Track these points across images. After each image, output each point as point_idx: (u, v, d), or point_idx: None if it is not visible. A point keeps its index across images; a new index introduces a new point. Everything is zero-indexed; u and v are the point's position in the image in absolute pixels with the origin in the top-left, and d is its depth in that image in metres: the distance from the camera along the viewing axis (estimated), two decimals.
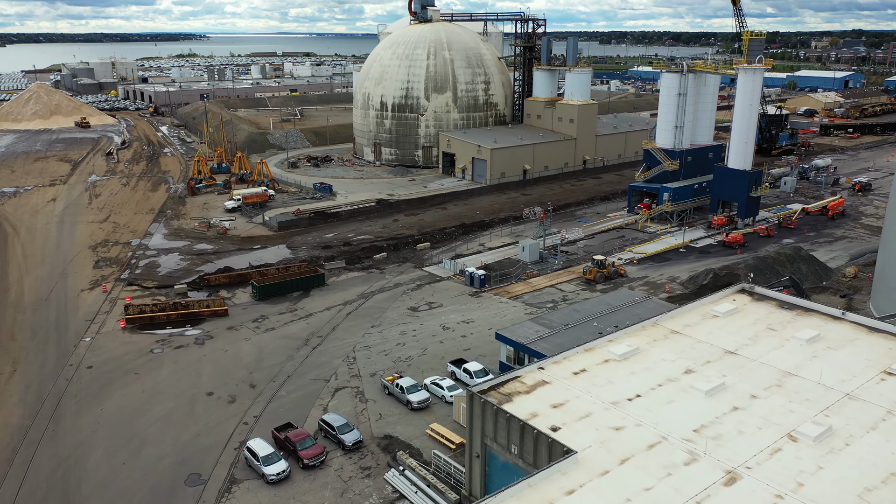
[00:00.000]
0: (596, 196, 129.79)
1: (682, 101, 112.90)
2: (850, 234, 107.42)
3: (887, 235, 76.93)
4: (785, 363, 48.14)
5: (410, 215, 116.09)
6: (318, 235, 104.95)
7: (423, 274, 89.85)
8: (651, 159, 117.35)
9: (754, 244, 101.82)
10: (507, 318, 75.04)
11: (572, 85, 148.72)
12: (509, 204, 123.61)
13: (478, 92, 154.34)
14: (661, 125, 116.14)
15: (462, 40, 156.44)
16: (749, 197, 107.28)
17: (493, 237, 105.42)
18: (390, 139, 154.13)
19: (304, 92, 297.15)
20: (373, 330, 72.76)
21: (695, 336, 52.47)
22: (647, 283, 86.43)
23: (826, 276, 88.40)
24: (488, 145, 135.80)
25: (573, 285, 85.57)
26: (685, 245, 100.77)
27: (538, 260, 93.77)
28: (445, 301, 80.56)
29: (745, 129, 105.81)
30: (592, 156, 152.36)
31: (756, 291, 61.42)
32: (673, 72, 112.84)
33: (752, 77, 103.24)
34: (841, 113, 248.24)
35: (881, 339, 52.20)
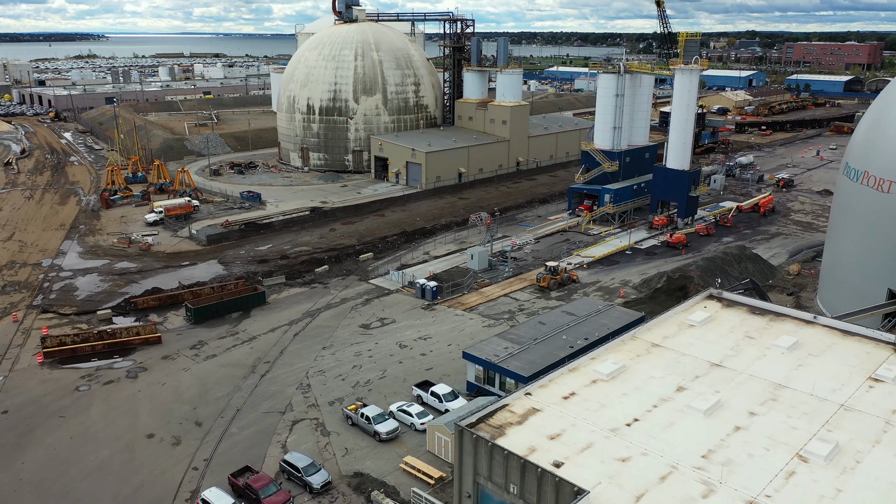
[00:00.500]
0: (534, 198, 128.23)
1: (619, 101, 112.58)
2: (783, 231, 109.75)
3: (832, 233, 77.97)
4: (773, 374, 46.70)
5: (347, 224, 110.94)
6: (251, 248, 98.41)
7: (370, 287, 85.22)
8: (590, 161, 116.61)
9: (696, 244, 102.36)
10: (466, 333, 71.58)
11: (504, 86, 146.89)
12: (448, 209, 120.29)
13: (408, 94, 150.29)
14: (599, 126, 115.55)
15: (390, 41, 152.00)
16: (688, 197, 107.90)
17: (437, 245, 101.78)
18: (318, 143, 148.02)
19: (217, 94, 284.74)
20: (325, 352, 67.73)
21: (677, 349, 50.46)
22: (601, 289, 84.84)
23: (771, 274, 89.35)
24: (423, 149, 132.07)
25: (527, 293, 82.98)
26: (631, 247, 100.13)
27: (487, 268, 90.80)
28: (398, 316, 76.29)
29: (682, 130, 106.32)
30: (525, 157, 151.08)
31: (725, 297, 60.30)
32: (610, 73, 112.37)
33: (689, 77, 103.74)
34: (751, 111, 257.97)
35: (857, 344, 51.71)
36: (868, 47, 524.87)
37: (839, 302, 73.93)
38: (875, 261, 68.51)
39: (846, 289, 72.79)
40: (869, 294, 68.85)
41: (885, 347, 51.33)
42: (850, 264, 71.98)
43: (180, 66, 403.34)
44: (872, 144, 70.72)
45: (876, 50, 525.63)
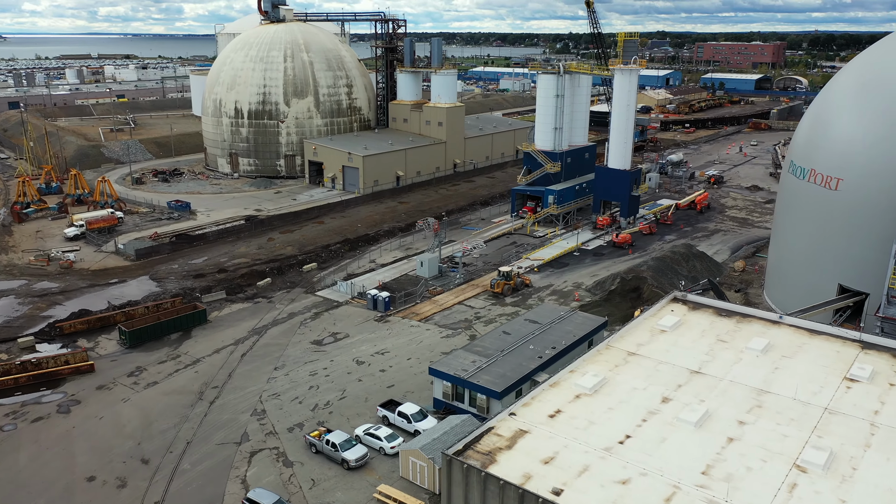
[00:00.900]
0: (475, 201, 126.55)
1: (559, 102, 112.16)
2: (721, 227, 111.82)
3: (779, 230, 79.26)
4: (752, 379, 46.03)
5: (286, 232, 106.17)
6: (185, 262, 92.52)
7: (318, 299, 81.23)
8: (532, 162, 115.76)
9: (641, 243, 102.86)
10: (425, 345, 68.82)
11: (439, 87, 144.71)
12: (390, 214, 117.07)
13: (340, 96, 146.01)
14: (540, 127, 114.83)
15: (320, 41, 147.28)
16: (630, 196, 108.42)
17: (382, 252, 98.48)
18: (248, 149, 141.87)
19: (132, 98, 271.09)
20: (277, 373, 63.58)
21: (653, 356, 49.25)
22: (555, 292, 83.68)
23: (718, 271, 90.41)
24: (360, 152, 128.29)
25: (482, 300, 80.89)
26: (578, 248, 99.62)
27: (438, 275, 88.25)
28: (351, 330, 72.77)
29: (623, 129, 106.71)
30: (462, 159, 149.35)
31: (690, 300, 59.78)
32: (549, 73, 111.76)
33: (628, 77, 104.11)
34: (673, 109, 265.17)
35: (826, 343, 51.85)
36: (772, 47, 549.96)
37: (789, 298, 75.11)
38: (825, 257, 69.74)
39: (796, 284, 73.97)
40: (819, 289, 70.06)
41: (852, 346, 51.68)
42: (800, 260, 73.15)
43: (89, 69, 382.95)
44: (816, 143, 72.02)
45: (779, 49, 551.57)
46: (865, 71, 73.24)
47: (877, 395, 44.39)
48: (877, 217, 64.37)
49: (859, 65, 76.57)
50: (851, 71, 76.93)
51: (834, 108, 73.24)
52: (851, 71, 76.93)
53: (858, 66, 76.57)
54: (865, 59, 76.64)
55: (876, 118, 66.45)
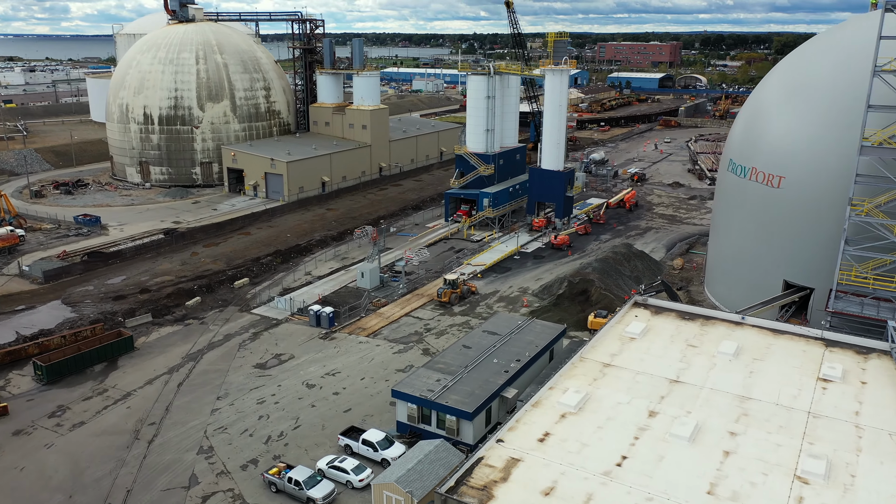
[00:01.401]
0: (406, 205, 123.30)
1: (490, 104, 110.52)
2: (653, 225, 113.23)
3: (719, 227, 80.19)
4: (731, 385, 45.31)
5: (210, 246, 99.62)
6: (101, 283, 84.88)
7: (255, 318, 76.00)
8: (464, 165, 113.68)
9: (578, 243, 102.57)
10: (377, 363, 65.21)
11: (362, 89, 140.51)
12: (319, 222, 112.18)
13: (258, 99, 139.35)
14: (472, 129, 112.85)
15: (234, 42, 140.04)
16: (565, 197, 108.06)
17: (317, 263, 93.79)
18: (160, 156, 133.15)
19: (21, 103, 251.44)
20: (221, 403, 58.43)
21: (629, 367, 47.82)
22: (502, 299, 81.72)
23: (658, 270, 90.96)
24: (283, 158, 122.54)
25: (429, 311, 77.90)
26: (518, 251, 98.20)
27: (379, 285, 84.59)
28: (295, 350, 68.20)
29: (556, 130, 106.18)
30: (388, 162, 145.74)
31: (651, 304, 58.97)
32: (480, 74, 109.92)
33: (559, 78, 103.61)
34: (585, 108, 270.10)
35: (791, 343, 51.97)
36: (669, 46, 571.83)
37: (733, 294, 75.95)
38: (770, 253, 70.72)
39: (740, 281, 74.82)
40: (764, 286, 71.00)
41: (816, 344, 52.03)
42: (744, 257, 73.98)
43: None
44: (755, 141, 73.02)
45: (675, 49, 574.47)
46: (795, 72, 74.81)
47: (852, 394, 44.47)
48: (820, 214, 65.62)
49: (788, 66, 78.28)
50: (781, 72, 78.57)
51: (769, 109, 74.49)
52: (781, 72, 78.57)
53: (787, 67, 78.30)
54: (793, 61, 78.43)
55: (812, 118, 67.79)
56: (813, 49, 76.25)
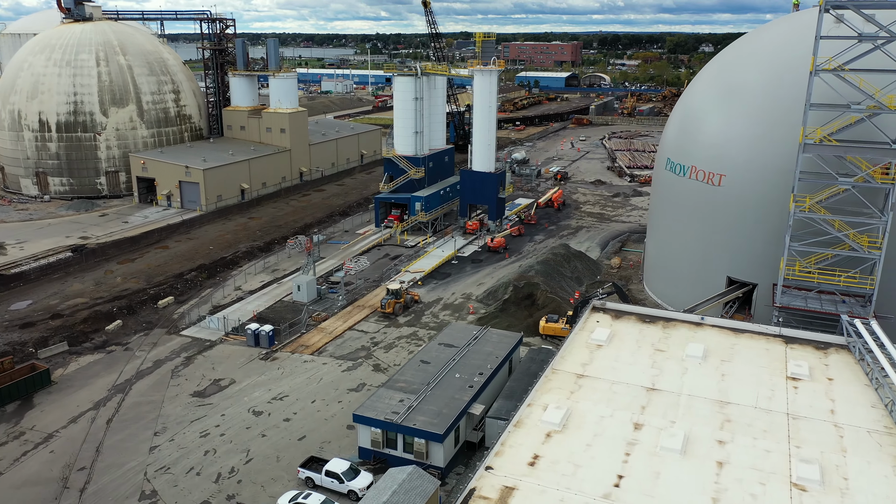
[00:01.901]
0: (333, 212, 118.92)
1: (419, 105, 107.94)
2: (583, 224, 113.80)
3: (659, 226, 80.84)
4: (707, 390, 44.73)
5: (126, 262, 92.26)
6: (4, 310, 76.62)
7: (185, 340, 70.37)
8: (393, 168, 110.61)
9: (514, 245, 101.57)
10: (327, 383, 61.43)
11: (279, 91, 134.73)
12: (243, 232, 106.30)
13: (167, 103, 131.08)
14: (400, 132, 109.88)
15: (138, 43, 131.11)
16: (498, 198, 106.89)
17: (246, 277, 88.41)
18: (60, 166, 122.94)
19: None
20: (159, 439, 53.20)
21: (603, 376, 46.49)
22: (447, 306, 79.35)
23: (597, 270, 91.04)
24: (199, 165, 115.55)
25: (373, 323, 74.54)
26: (455, 256, 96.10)
27: (317, 298, 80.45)
28: (235, 374, 63.38)
29: (486, 131, 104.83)
30: (308, 167, 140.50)
31: (609, 308, 58.10)
32: (407, 75, 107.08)
33: (489, 78, 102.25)
34: (498, 107, 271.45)
35: (752, 341, 52.17)
36: (570, 46, 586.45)
37: (675, 291, 76.62)
38: (713, 250, 71.58)
39: (683, 278, 75.51)
40: (708, 282, 71.88)
41: (776, 341, 52.43)
42: (686, 255, 74.69)
43: None
44: (693, 141, 73.76)
45: (577, 49, 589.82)
46: (728, 72, 76.12)
47: (823, 392, 44.75)
48: (761, 210, 66.82)
49: (719, 67, 79.73)
50: (712, 73, 79.95)
51: (704, 109, 75.54)
52: (712, 73, 79.95)
53: (718, 68, 79.76)
54: (724, 62, 79.95)
55: (749, 117, 68.98)
56: (743, 50, 77.85)
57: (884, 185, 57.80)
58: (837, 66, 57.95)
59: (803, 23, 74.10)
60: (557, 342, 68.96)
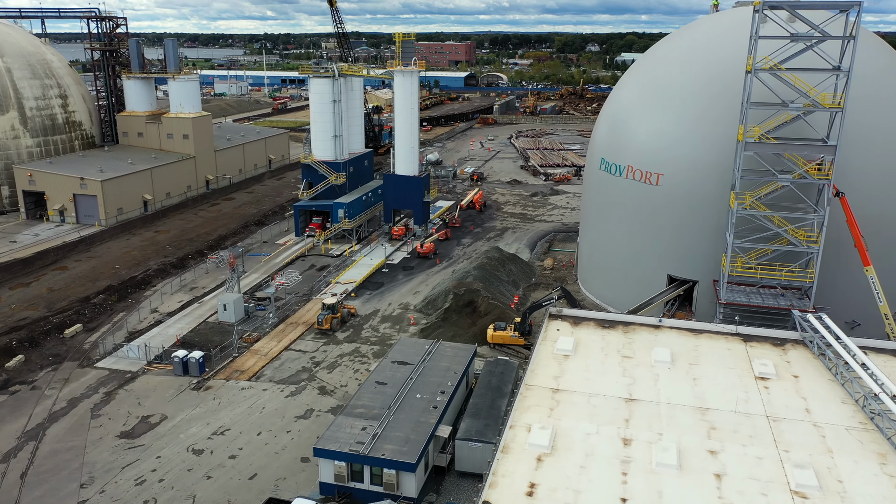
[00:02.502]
0: (248, 222, 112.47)
1: (337, 108, 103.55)
2: (507, 225, 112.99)
3: (596, 226, 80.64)
4: (684, 396, 43.91)
5: (20, 287, 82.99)
6: None
7: (102, 373, 63.48)
8: (312, 174, 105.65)
9: (442, 250, 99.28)
10: (271, 411, 56.78)
11: (180, 95, 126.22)
12: (151, 248, 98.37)
13: (54, 109, 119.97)
14: (318, 136, 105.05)
15: (17, 43, 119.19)
16: (423, 202, 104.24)
17: (162, 297, 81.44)
18: None
19: None
20: (88, 491, 47.06)
21: (578, 389, 44.81)
22: (386, 318, 75.94)
23: (531, 272, 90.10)
24: (95, 176, 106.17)
25: (311, 341, 70.10)
26: (385, 264, 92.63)
27: (245, 317, 75.04)
28: (166, 408, 57.52)
29: (409, 134, 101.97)
30: (215, 174, 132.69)
31: (566, 314, 56.66)
32: (324, 77, 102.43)
33: (409, 79, 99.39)
34: None
35: (712, 341, 52.04)
36: (464, 46, 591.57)
37: (614, 291, 76.65)
38: (652, 249, 71.84)
39: (621, 278, 75.49)
40: (648, 281, 72.09)
41: (735, 340, 52.48)
42: (624, 254, 74.68)
43: None
44: (628, 141, 73.73)
45: (470, 48, 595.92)
46: (657, 72, 76.72)
47: (793, 391, 44.87)
48: (700, 207, 67.53)
49: (646, 67, 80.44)
50: (640, 73, 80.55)
51: (636, 109, 75.75)
52: (640, 73, 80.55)
53: (645, 68, 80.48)
54: (651, 62, 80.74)
55: (684, 116, 69.64)
56: (669, 50, 78.81)
57: (820, 180, 59.41)
58: (773, 65, 59.00)
59: (725, 23, 75.93)
60: (509, 351, 67.29)
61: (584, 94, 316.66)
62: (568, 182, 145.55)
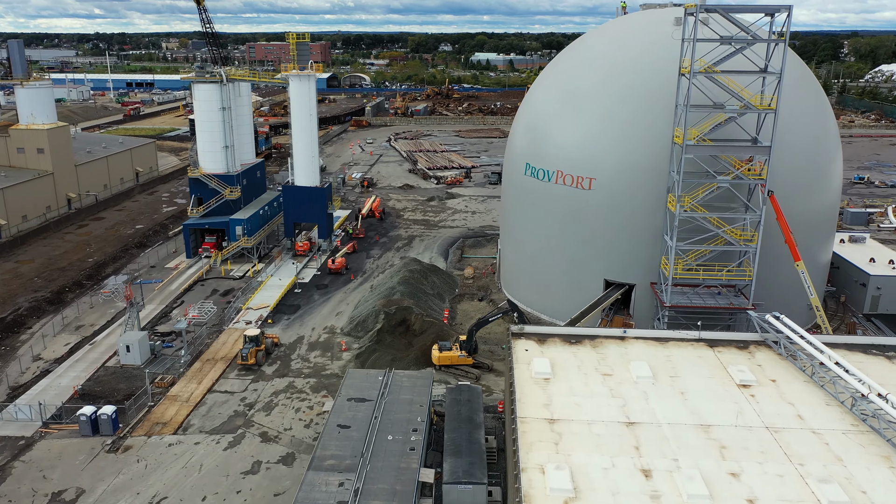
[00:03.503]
0: (127, 244, 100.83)
1: (226, 115, 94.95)
2: (413, 233, 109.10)
3: (518, 231, 78.69)
4: (681, 415, 42.67)
5: None
6: None
7: None
8: (202, 189, 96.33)
9: (354, 263, 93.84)
10: (211, 470, 49.62)
11: (31, 103, 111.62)
12: (17, 282, 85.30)
13: None
14: (207, 147, 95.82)
15: None
16: (327, 214, 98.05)
17: (44, 341, 70.22)
18: None
19: None
20: None
21: (574, 417, 42.33)
22: (314, 346, 69.82)
23: (453, 283, 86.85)
24: None
25: (236, 379, 62.77)
26: (296, 283, 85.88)
27: (152, 357, 66.15)
28: (80, 479, 48.65)
29: (309, 142, 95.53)
30: (77, 192, 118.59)
31: (528, 332, 54.06)
32: (210, 82, 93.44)
33: (307, 84, 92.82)
34: (268, 112, 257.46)
35: (680, 350, 51.44)
36: (319, 46, 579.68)
37: (549, 300, 74.95)
38: (587, 254, 70.81)
39: (555, 285, 74.03)
40: (584, 287, 71.06)
41: (701, 346, 52.11)
42: (557, 261, 73.21)
43: None
44: (555, 146, 72.11)
45: (325, 49, 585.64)
46: (576, 76, 75.49)
47: (778, 396, 44.79)
48: (635, 211, 67.24)
49: (560, 71, 79.39)
50: (555, 77, 79.22)
51: (557, 114, 74.18)
52: (555, 77, 79.22)
53: (560, 72, 79.49)
54: (564, 65, 79.83)
55: (609, 120, 68.97)
56: (586, 53, 78.20)
57: (756, 180, 60.62)
58: (708, 67, 59.36)
59: (639, 26, 76.44)
60: (456, 371, 63.66)
61: (451, 94, 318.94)
62: (460, 185, 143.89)
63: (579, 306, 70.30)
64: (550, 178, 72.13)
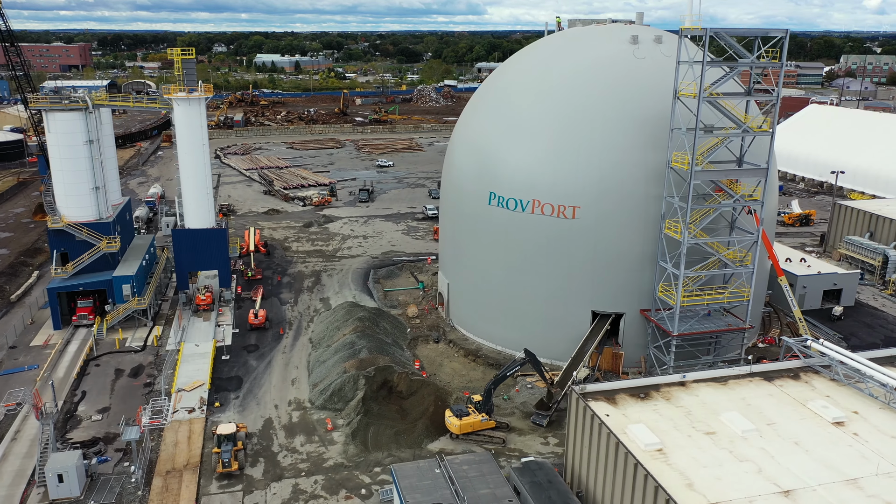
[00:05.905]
0: None
1: (93, 150, 77.39)
2: (315, 268, 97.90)
3: (484, 266, 72.78)
4: (821, 473, 40.57)
5: None
6: None
7: None
8: (67, 243, 77.78)
9: (272, 313, 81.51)
10: None
11: None
12: None
13: None
14: (70, 191, 77.16)
15: None
16: (228, 259, 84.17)
17: None
18: None
19: None
20: None
21: (729, 497, 37.91)
22: (291, 432, 58.24)
23: (401, 325, 78.48)
24: None
25: (224, 493, 49.97)
26: (219, 348, 72.20)
27: (89, 481, 50.76)
28: None
29: (202, 177, 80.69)
30: None
31: (595, 391, 48.81)
32: (72, 109, 75.24)
33: (196, 108, 78.19)
34: None
35: (748, 390, 49.83)
36: (78, 48, 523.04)
37: (528, 337, 68.71)
38: (573, 286, 66.96)
39: (536, 320, 69.22)
40: (572, 320, 67.42)
41: (761, 381, 50.58)
42: (539, 295, 68.45)
43: None
44: (528, 174, 67.07)
45: (86, 50, 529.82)
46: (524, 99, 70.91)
47: (876, 431, 44.38)
48: (622, 238, 64.67)
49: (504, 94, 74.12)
50: (499, 101, 73.82)
51: (517, 140, 69.07)
52: (499, 101, 73.82)
53: (501, 95, 74.35)
54: (506, 87, 74.76)
55: (587, 144, 65.58)
56: (533, 72, 73.53)
57: (754, 202, 60.72)
58: (710, 92, 58.05)
59: (587, 43, 73.67)
60: (477, 438, 56.49)
61: (256, 100, 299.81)
62: (329, 205, 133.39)
63: (565, 341, 66.74)
64: (525, 209, 67.11)
